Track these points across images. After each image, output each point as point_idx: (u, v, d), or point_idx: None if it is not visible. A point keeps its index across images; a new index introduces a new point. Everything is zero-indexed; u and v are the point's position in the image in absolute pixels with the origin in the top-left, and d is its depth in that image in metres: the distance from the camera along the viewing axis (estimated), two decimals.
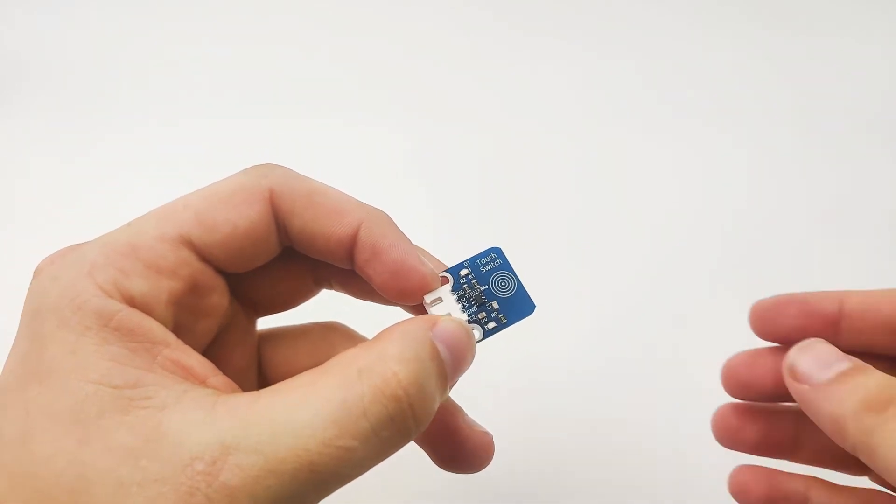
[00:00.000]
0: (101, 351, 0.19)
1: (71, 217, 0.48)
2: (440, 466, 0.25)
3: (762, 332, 0.25)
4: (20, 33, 0.60)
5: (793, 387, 0.23)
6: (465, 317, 0.24)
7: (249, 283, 0.24)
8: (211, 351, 0.23)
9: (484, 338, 0.24)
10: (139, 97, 0.56)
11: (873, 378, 0.21)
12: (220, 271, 0.23)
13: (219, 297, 0.23)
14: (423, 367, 0.19)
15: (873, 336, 0.24)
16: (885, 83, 0.56)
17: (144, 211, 0.22)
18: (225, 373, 0.21)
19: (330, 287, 0.26)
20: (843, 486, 0.26)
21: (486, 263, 0.25)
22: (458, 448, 0.24)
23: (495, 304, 0.24)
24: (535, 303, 0.24)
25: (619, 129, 0.53)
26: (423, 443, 0.25)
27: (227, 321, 0.24)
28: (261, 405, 0.18)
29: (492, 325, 0.24)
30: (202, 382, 0.20)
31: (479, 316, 0.24)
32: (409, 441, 0.20)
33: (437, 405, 0.20)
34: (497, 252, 0.25)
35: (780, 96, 0.55)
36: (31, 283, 0.20)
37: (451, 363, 0.21)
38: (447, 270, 0.24)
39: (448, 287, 0.24)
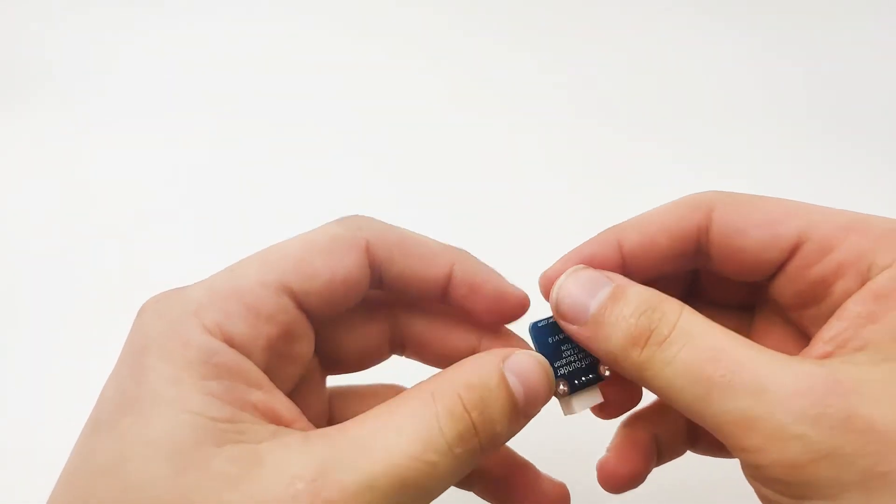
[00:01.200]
0: (201, 385, 0.19)
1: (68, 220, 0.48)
2: None
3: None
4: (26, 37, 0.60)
5: (563, 326, 0.24)
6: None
7: (329, 336, 0.25)
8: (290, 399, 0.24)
9: (571, 391, 0.24)
10: (137, 99, 0.56)
11: (629, 305, 0.22)
12: (310, 319, 0.23)
13: (307, 346, 0.24)
14: (486, 392, 0.21)
15: (658, 267, 0.25)
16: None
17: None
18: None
19: (402, 353, 0.27)
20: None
21: None
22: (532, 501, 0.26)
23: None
24: None
25: (616, 130, 0.54)
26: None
27: (307, 372, 0.25)
28: (350, 431, 0.20)
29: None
30: (289, 426, 0.21)
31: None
32: (478, 460, 0.21)
33: (504, 430, 0.21)
34: None
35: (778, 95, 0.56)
36: (135, 321, 0.21)
37: (522, 393, 0.21)
38: None
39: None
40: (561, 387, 0.24)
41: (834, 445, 0.18)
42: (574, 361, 0.24)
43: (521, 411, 0.21)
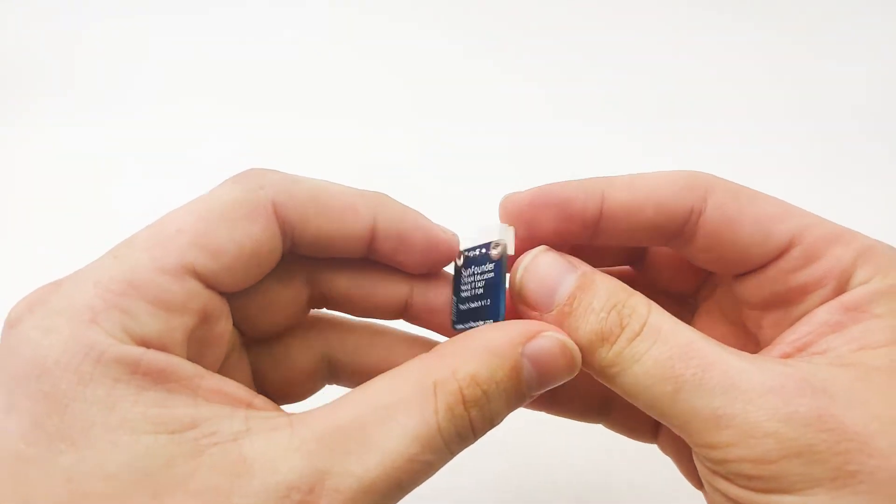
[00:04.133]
0: (141, 399, 0.17)
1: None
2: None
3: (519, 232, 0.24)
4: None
5: (522, 312, 0.22)
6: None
7: (238, 306, 0.23)
8: None
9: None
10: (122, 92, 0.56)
11: (599, 298, 0.21)
12: (222, 294, 0.21)
13: (226, 323, 0.22)
14: (492, 387, 0.19)
15: (632, 235, 0.23)
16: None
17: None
18: None
19: (324, 306, 0.25)
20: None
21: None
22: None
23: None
24: None
25: (610, 129, 0.54)
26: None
27: (231, 347, 0.23)
28: (343, 423, 0.19)
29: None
30: (248, 406, 0.19)
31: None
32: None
33: (501, 419, 0.20)
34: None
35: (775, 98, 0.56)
36: (8, 337, 0.18)
37: (536, 381, 0.20)
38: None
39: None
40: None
41: (807, 443, 0.18)
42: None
43: (526, 396, 0.21)
